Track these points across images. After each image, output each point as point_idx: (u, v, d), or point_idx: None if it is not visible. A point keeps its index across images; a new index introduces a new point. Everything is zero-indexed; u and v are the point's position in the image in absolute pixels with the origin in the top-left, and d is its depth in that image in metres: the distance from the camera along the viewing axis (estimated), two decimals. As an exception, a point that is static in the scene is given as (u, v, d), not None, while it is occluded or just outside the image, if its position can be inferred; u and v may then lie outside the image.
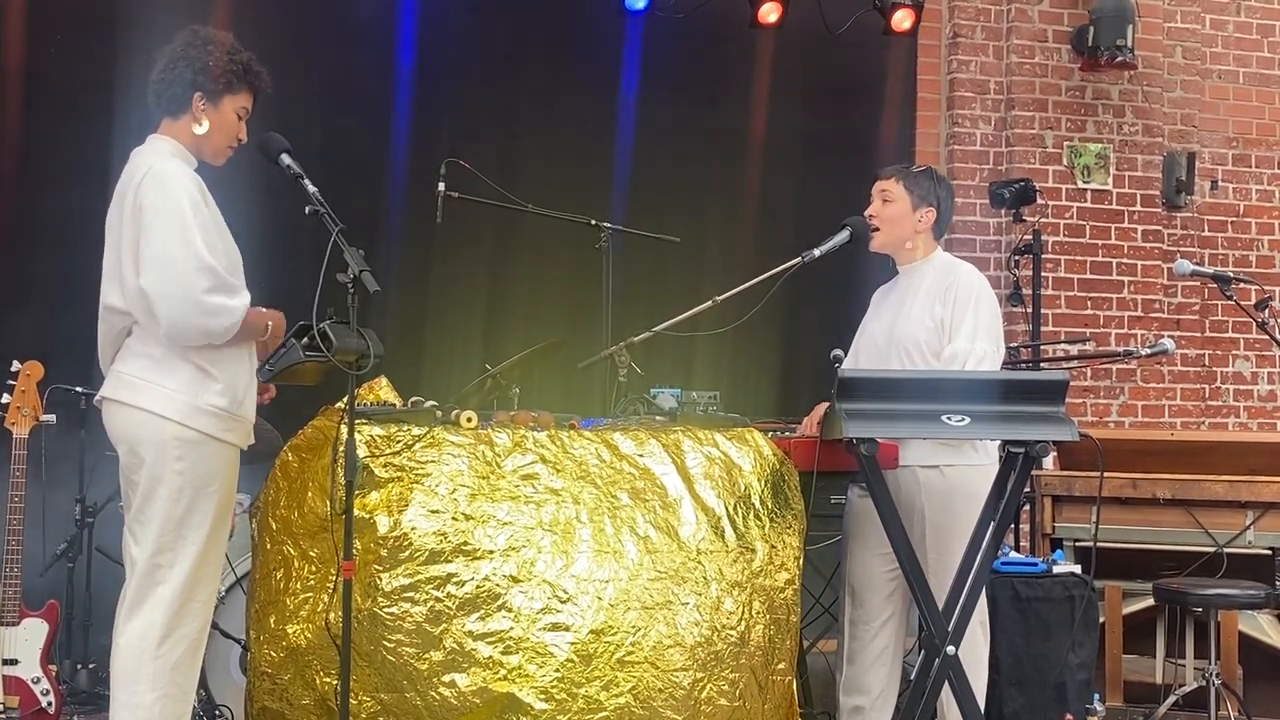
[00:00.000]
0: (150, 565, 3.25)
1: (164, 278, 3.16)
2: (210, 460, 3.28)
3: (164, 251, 3.17)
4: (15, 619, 4.14)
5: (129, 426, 3.28)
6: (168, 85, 3.35)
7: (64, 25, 5.36)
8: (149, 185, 3.22)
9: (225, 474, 3.34)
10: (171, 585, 3.24)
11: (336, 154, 5.48)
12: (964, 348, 3.83)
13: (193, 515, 3.26)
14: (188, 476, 3.24)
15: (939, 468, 3.87)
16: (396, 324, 5.61)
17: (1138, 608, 4.92)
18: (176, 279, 3.16)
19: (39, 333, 4.95)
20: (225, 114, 3.40)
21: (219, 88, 3.37)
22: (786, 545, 3.63)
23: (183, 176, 3.29)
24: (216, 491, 3.30)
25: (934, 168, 4.41)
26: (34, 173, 5.31)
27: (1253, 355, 7.25)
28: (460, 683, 3.30)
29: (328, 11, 5.75)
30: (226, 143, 3.44)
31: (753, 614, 3.53)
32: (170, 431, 3.23)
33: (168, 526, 3.24)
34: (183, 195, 3.22)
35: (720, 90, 6.34)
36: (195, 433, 3.24)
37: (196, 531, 3.27)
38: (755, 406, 4.54)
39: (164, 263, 3.16)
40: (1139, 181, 6.90)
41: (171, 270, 3.16)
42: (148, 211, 3.20)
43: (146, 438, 3.24)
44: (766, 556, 3.59)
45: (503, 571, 3.38)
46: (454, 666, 3.31)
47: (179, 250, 3.16)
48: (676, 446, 3.61)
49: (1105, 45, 6.58)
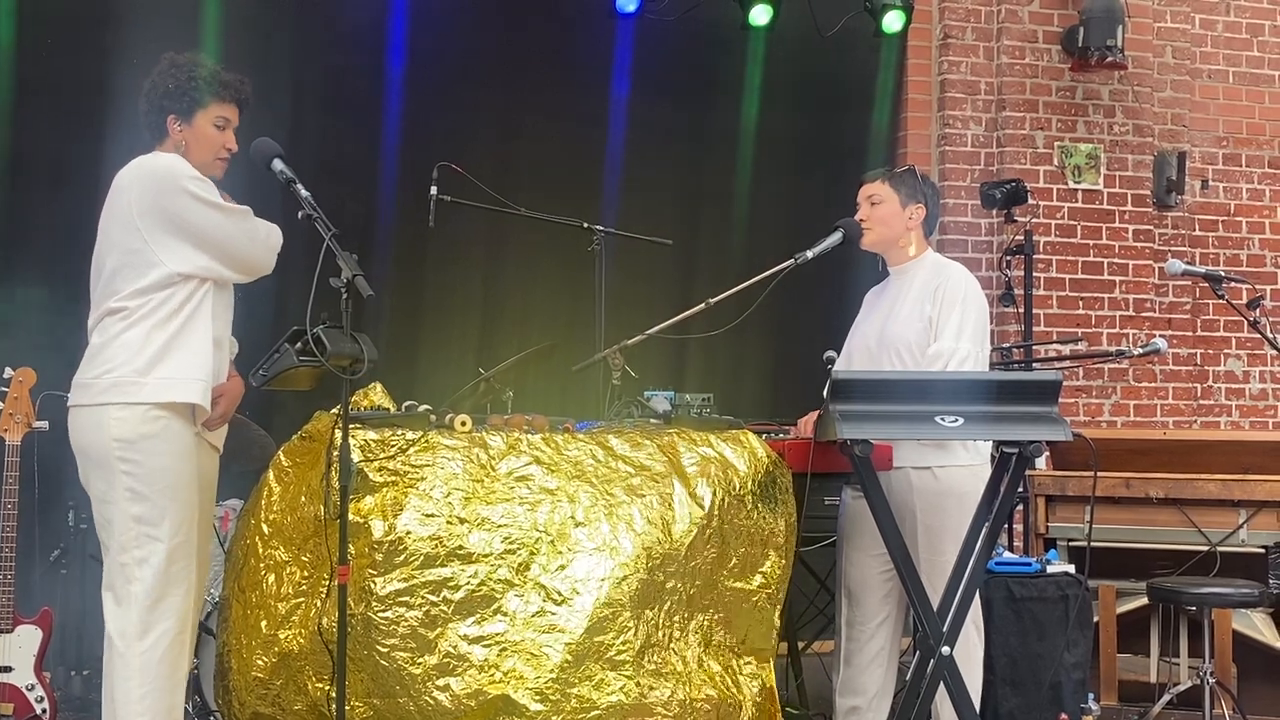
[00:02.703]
0: (118, 565, 3.31)
1: (239, 252, 3.42)
2: (158, 454, 3.31)
3: (214, 228, 3.38)
4: (9, 626, 4.14)
5: (76, 432, 3.37)
6: (147, 114, 3.51)
7: (57, 31, 5.35)
8: (144, 174, 3.35)
9: (178, 467, 3.36)
10: (142, 584, 3.29)
11: (329, 159, 5.49)
12: (948, 346, 3.84)
13: (149, 513, 3.30)
14: (135, 476, 3.29)
15: (930, 469, 3.88)
16: (390, 328, 5.61)
17: (1132, 607, 4.93)
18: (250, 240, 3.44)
19: (31, 339, 4.95)
20: (201, 128, 3.49)
21: (188, 105, 3.47)
22: (775, 545, 3.64)
23: (177, 162, 3.41)
24: (170, 486, 3.33)
25: (915, 166, 4.42)
26: (26, 179, 5.29)
27: (1244, 354, 7.26)
28: (455, 686, 3.30)
29: (318, 16, 5.74)
30: (212, 155, 3.51)
31: (737, 611, 3.57)
32: (111, 431, 3.28)
33: (126, 526, 3.29)
34: (183, 172, 3.36)
35: (711, 93, 6.34)
36: (137, 422, 3.28)
37: (156, 528, 3.31)
38: (749, 408, 4.53)
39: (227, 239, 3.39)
40: (1130, 181, 6.91)
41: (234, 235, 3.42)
42: (159, 195, 3.34)
43: (90, 443, 3.32)
44: (755, 556, 3.61)
45: (498, 575, 3.38)
46: (448, 670, 3.31)
47: (223, 223, 3.39)
48: (671, 448, 3.62)
49: (1095, 45, 6.60)
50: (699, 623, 3.52)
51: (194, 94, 3.46)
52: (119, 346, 3.32)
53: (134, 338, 3.31)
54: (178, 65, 3.49)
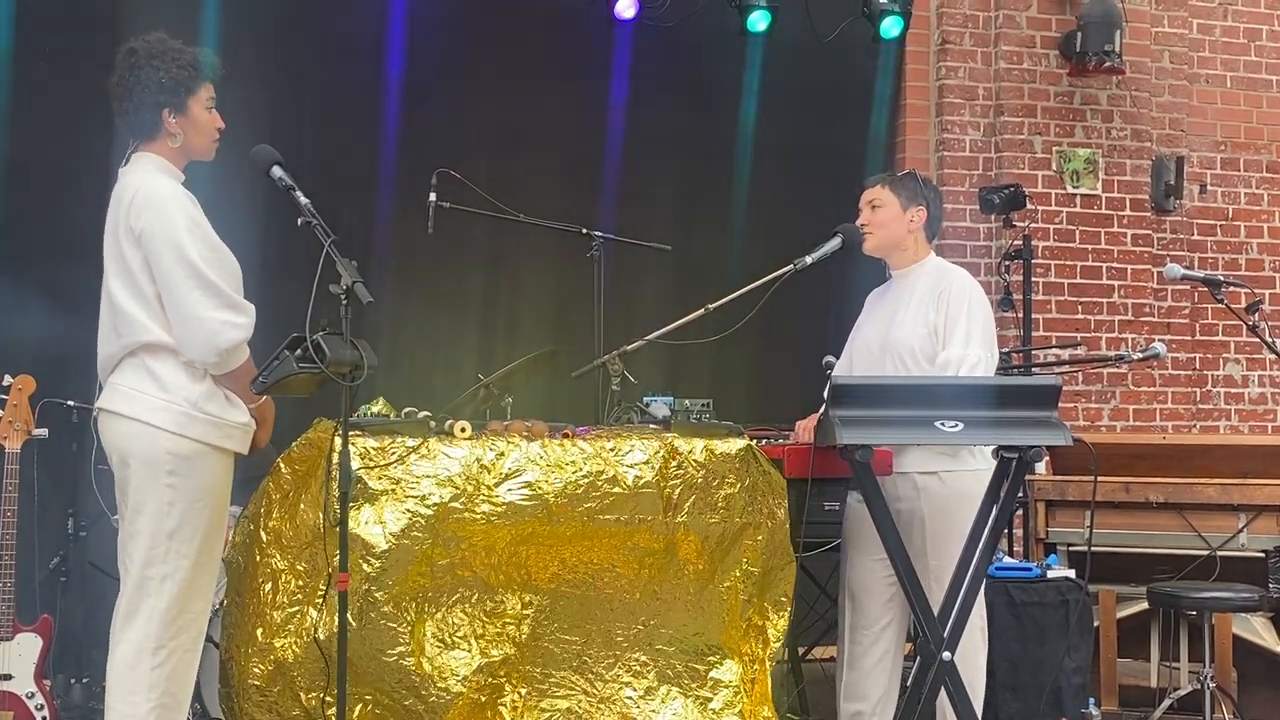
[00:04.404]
0: (141, 578, 3.23)
1: (186, 330, 3.21)
2: (204, 472, 3.27)
3: (181, 298, 3.20)
4: (9, 634, 4.13)
5: (122, 438, 3.27)
6: (135, 113, 3.35)
7: (58, 35, 5.35)
8: (141, 206, 3.23)
9: (218, 486, 3.32)
10: (164, 598, 3.23)
11: (328, 165, 5.48)
12: (957, 354, 3.84)
13: (183, 528, 3.24)
14: (179, 490, 3.23)
15: (938, 474, 3.88)
16: (389, 335, 5.61)
17: (1132, 611, 4.92)
18: (199, 324, 3.20)
19: (31, 346, 4.94)
20: (195, 115, 3.38)
21: (181, 96, 3.35)
22: (761, 548, 3.69)
23: (175, 193, 3.29)
24: (208, 505, 3.28)
25: (917, 171, 4.43)
26: (24, 185, 5.29)
27: (1243, 358, 7.26)
28: (456, 678, 3.35)
29: (317, 24, 5.74)
30: (208, 139, 3.44)
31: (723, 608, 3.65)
32: (164, 444, 3.21)
33: (157, 540, 3.22)
34: (179, 215, 3.23)
35: (710, 98, 6.35)
36: (190, 442, 3.23)
37: (188, 544, 3.25)
38: (748, 414, 4.53)
39: (183, 317, 3.20)
40: (1128, 186, 6.92)
41: (190, 314, 3.20)
42: (150, 239, 3.21)
43: (138, 450, 3.23)
44: (738, 557, 3.69)
45: (494, 577, 3.40)
46: (449, 670, 3.33)
47: (191, 293, 3.19)
48: (667, 451, 3.62)
49: (1093, 50, 6.60)
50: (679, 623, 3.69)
51: (187, 81, 3.34)
52: (173, 371, 3.25)
53: (184, 369, 3.26)
54: (158, 54, 3.33)
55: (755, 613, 3.70)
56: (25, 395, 4.20)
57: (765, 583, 3.71)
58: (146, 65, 3.32)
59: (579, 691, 3.54)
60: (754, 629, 3.71)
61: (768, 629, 3.71)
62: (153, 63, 3.32)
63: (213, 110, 3.43)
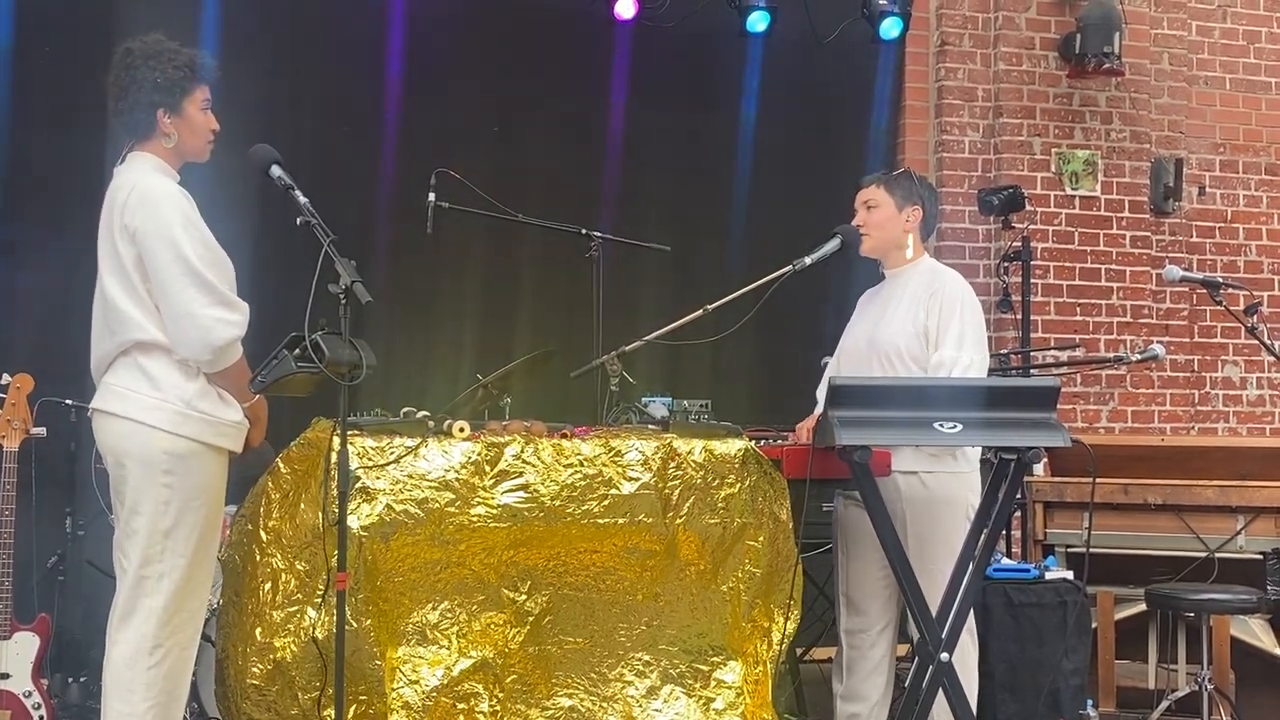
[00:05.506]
0: (137, 577, 3.23)
1: (179, 327, 3.20)
2: (199, 471, 3.27)
3: (175, 295, 3.19)
4: (6, 633, 4.13)
5: (117, 438, 3.27)
6: (129, 113, 3.35)
7: (54, 36, 5.35)
8: (136, 203, 3.22)
9: (213, 485, 3.32)
10: (160, 597, 3.23)
11: (327, 165, 5.47)
12: (950, 355, 3.84)
13: (179, 527, 3.24)
14: (175, 489, 3.23)
15: (918, 474, 3.88)
16: (388, 334, 5.61)
17: (1130, 613, 4.92)
18: (192, 321, 3.19)
19: (28, 345, 4.94)
20: (190, 116, 3.38)
21: (177, 97, 3.35)
22: (763, 549, 3.68)
23: (170, 192, 3.29)
24: (204, 504, 3.28)
25: (912, 169, 4.42)
26: (21, 185, 5.29)
27: (1241, 360, 7.27)
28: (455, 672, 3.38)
29: (317, 24, 5.74)
30: (202, 140, 3.43)
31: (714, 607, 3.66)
32: (159, 443, 3.21)
33: (154, 539, 3.22)
34: (174, 213, 3.22)
35: (709, 99, 6.35)
36: (185, 441, 3.23)
37: (184, 543, 3.25)
38: (746, 414, 4.53)
39: (177, 314, 3.20)
40: (1127, 188, 6.92)
41: (184, 311, 3.20)
42: (145, 236, 3.20)
43: (133, 450, 3.23)
44: (740, 558, 3.67)
45: (493, 578, 3.40)
46: (429, 669, 3.35)
47: (185, 290, 3.19)
48: (666, 452, 3.62)
49: (1092, 52, 6.61)
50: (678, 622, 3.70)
51: (182, 82, 3.34)
52: (166, 370, 3.25)
53: (178, 367, 3.26)
54: (155, 55, 3.33)
55: (760, 614, 3.70)
56: (23, 394, 4.20)
57: (769, 584, 3.70)
58: (142, 65, 3.33)
59: (581, 690, 3.54)
60: (759, 630, 3.71)
61: (773, 631, 3.71)
62: (149, 63, 3.33)
63: (208, 112, 3.43)
